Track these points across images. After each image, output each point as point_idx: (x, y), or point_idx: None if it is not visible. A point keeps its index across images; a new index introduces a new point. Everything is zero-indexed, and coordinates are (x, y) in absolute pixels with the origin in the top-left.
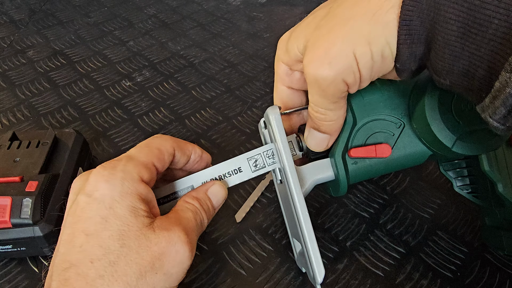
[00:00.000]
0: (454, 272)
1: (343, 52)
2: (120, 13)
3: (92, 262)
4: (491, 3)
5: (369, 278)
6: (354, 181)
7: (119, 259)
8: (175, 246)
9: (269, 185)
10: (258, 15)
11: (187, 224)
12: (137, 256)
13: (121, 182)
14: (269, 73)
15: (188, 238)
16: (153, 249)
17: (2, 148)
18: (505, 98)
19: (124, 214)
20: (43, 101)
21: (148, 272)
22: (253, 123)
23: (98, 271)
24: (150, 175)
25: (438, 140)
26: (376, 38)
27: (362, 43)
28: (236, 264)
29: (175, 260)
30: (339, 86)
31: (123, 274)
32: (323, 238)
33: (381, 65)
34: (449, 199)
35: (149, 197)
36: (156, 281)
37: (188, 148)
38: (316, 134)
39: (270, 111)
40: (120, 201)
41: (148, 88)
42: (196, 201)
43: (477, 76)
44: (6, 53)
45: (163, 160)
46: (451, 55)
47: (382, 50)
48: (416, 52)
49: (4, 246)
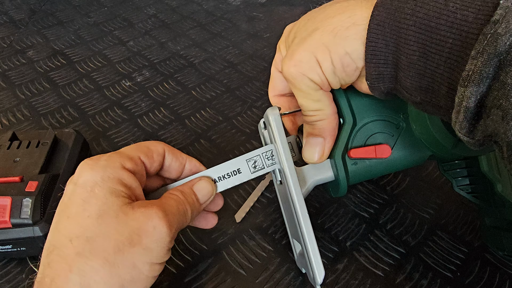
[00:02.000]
0: (454, 272)
1: (305, 56)
2: (120, 13)
3: (71, 241)
4: (444, 24)
5: (369, 278)
6: (354, 181)
7: (96, 236)
8: (153, 221)
9: (269, 185)
10: (258, 15)
11: (167, 207)
12: (115, 232)
13: (103, 168)
14: (269, 73)
15: (167, 218)
16: (131, 224)
17: (2, 148)
18: (464, 112)
19: (104, 194)
20: (43, 101)
21: (126, 246)
22: (253, 123)
23: (76, 249)
24: (135, 165)
25: (437, 141)
26: (335, 47)
27: (322, 50)
28: (236, 264)
29: (154, 236)
30: (307, 83)
31: (101, 249)
32: (323, 238)
33: (344, 72)
34: (449, 199)
35: (132, 183)
36: (135, 255)
37: (182, 156)
38: (311, 141)
39: (269, 112)
40: (101, 184)
41: (148, 88)
42: (180, 193)
43: (441, 93)
44: (6, 53)
45: (152, 157)
46: (416, 73)
47: (341, 58)
48: (383, 72)
49: (4, 246)
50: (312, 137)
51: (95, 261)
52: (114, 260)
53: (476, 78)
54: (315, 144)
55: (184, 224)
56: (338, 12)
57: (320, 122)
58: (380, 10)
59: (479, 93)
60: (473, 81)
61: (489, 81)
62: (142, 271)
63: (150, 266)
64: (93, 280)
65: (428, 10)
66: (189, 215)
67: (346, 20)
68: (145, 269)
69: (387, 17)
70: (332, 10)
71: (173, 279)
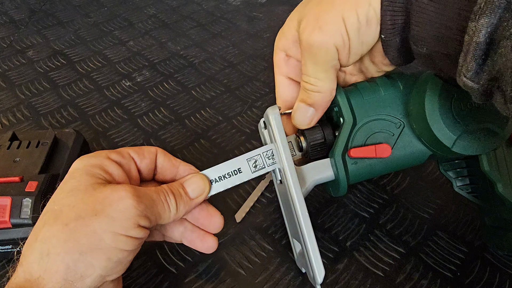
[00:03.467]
0: (454, 272)
1: (332, 17)
2: (120, 13)
3: (42, 216)
4: None
5: (369, 278)
6: (354, 181)
7: (63, 206)
8: (119, 193)
9: (269, 185)
10: (258, 15)
11: (142, 189)
12: (81, 202)
13: (88, 157)
14: (269, 73)
15: (135, 193)
16: (97, 196)
17: (2, 148)
18: (474, 50)
19: (80, 175)
20: (43, 101)
21: (88, 214)
22: (253, 123)
23: (43, 221)
24: (121, 157)
25: (438, 140)
26: (361, 2)
27: (349, 7)
28: (235, 264)
29: (118, 205)
30: (330, 51)
31: (64, 217)
32: (323, 238)
33: (367, 29)
34: (449, 199)
35: (113, 171)
36: (96, 223)
37: (175, 159)
38: (302, 108)
39: (269, 111)
40: (82, 168)
41: (148, 88)
42: (166, 186)
43: (451, 39)
44: (6, 53)
45: (142, 154)
46: (426, 19)
47: (366, 12)
48: (397, 21)
49: (4, 246)
50: (304, 104)
51: (56, 227)
52: (75, 226)
53: (488, 8)
54: (306, 112)
55: (167, 213)
56: None
57: (316, 94)
58: None
59: (490, 24)
60: (485, 12)
61: (501, 11)
62: (103, 238)
63: (113, 235)
64: (51, 245)
65: None
66: (174, 204)
67: None
68: (107, 237)
69: None
70: None
71: (173, 279)
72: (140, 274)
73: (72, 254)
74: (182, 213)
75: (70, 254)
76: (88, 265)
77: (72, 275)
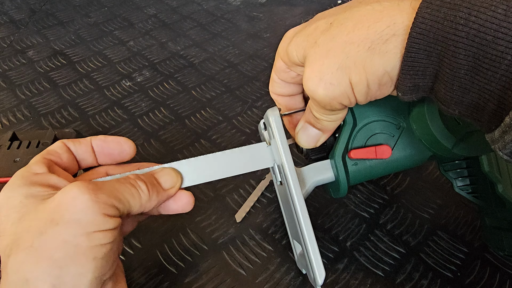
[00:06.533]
0: (454, 272)
1: (338, 79)
2: (120, 13)
3: (4, 251)
4: (503, 38)
5: (369, 278)
6: (354, 182)
7: (20, 233)
8: (70, 193)
9: (269, 185)
10: (258, 15)
11: (99, 181)
12: (35, 220)
13: (11, 184)
14: (269, 73)
15: (90, 187)
16: (50, 206)
17: (2, 148)
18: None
19: (18, 201)
20: (43, 101)
21: (48, 227)
22: (253, 123)
23: (6, 255)
24: (43, 159)
25: (438, 141)
26: (374, 67)
27: (358, 71)
28: (236, 264)
29: (75, 207)
30: (334, 106)
31: (24, 241)
32: (323, 238)
33: (378, 91)
34: (449, 199)
35: (42, 170)
36: (62, 231)
37: (84, 139)
38: (309, 130)
39: (270, 112)
40: (15, 196)
41: (148, 88)
42: (133, 174)
43: (487, 110)
44: (6, 53)
45: (77, 141)
46: (460, 87)
47: (379, 79)
48: (419, 83)
49: None
50: (311, 126)
51: (21, 253)
52: (38, 244)
53: None
54: (313, 135)
55: (137, 200)
56: (373, 19)
57: (327, 122)
58: (425, 17)
59: None
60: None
61: None
62: (78, 243)
63: (88, 235)
64: (26, 271)
65: (484, 21)
66: (146, 191)
67: (385, 31)
68: (81, 240)
69: (433, 26)
70: (364, 16)
71: (174, 279)
72: (140, 274)
73: (51, 273)
74: (154, 202)
75: (49, 273)
76: (75, 275)
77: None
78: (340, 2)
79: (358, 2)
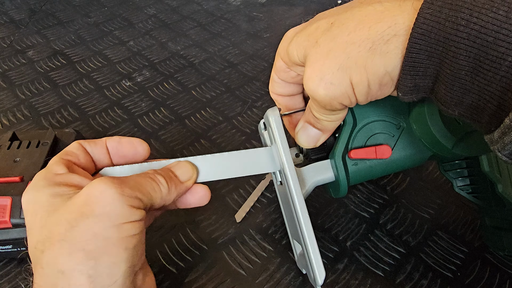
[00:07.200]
0: (454, 272)
1: (339, 80)
2: (120, 13)
3: (35, 247)
4: (504, 40)
5: (369, 278)
6: (354, 182)
7: (51, 227)
8: (98, 187)
9: (269, 185)
10: (258, 15)
11: (122, 177)
12: (66, 214)
13: (35, 183)
14: (269, 73)
15: (113, 180)
16: (78, 200)
17: (2, 148)
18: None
19: (45, 200)
20: (43, 101)
21: (79, 220)
22: (253, 123)
23: (40, 251)
24: (65, 160)
25: (438, 141)
26: (374, 68)
27: (359, 72)
28: (236, 264)
29: (104, 200)
30: (334, 106)
31: (56, 235)
32: (323, 238)
33: (379, 91)
34: (449, 199)
35: (64, 169)
36: (92, 225)
37: (99, 140)
38: (309, 130)
39: (270, 112)
40: (41, 196)
41: (148, 88)
42: (152, 170)
43: (487, 111)
44: (6, 53)
45: (93, 142)
46: (460, 88)
47: (380, 79)
48: (420, 84)
49: (4, 246)
50: (311, 126)
51: (54, 247)
52: (71, 237)
53: None
54: (313, 135)
55: (158, 193)
56: (375, 19)
57: (327, 122)
58: (427, 17)
59: None
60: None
61: None
62: (109, 235)
63: (117, 227)
64: (61, 264)
65: (486, 22)
66: (165, 185)
67: (387, 32)
68: (112, 232)
69: (434, 27)
70: (365, 16)
71: (174, 279)
72: None
73: (86, 264)
74: (174, 194)
75: (84, 265)
76: (109, 265)
77: (99, 282)
78: (340, 2)
79: (359, 2)
